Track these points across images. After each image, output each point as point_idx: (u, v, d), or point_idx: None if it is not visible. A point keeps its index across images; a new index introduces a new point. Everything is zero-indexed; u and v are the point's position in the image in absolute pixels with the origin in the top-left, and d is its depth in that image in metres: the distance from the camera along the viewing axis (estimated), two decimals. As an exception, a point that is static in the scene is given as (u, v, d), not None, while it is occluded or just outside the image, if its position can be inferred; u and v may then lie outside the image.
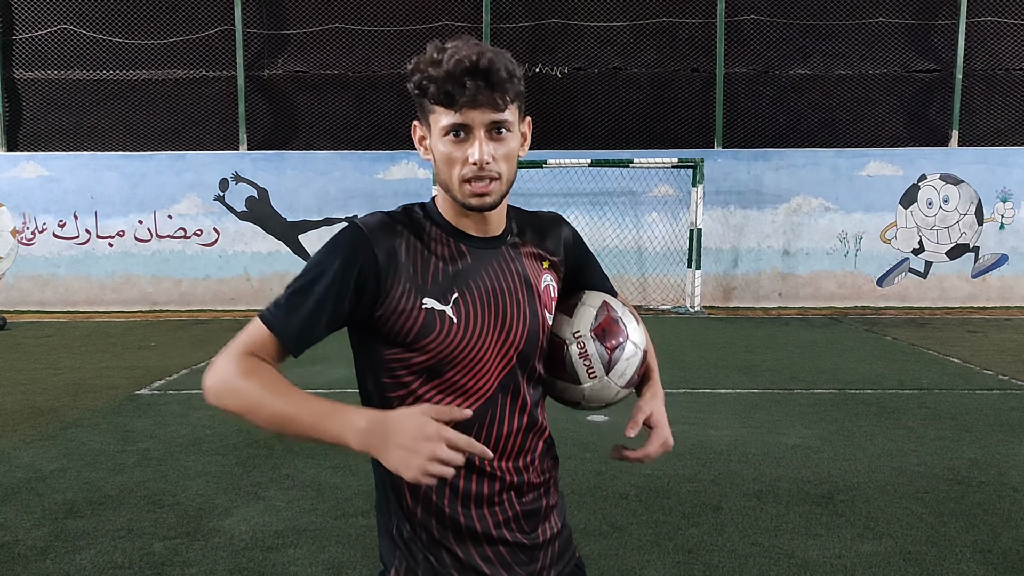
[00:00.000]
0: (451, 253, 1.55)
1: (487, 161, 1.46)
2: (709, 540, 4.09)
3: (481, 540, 1.58)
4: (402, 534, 1.59)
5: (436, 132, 1.49)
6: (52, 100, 13.89)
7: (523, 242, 1.66)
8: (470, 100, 1.43)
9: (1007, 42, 13.67)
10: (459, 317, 1.51)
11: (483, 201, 1.50)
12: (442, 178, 1.52)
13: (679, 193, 13.38)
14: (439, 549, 1.57)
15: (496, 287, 1.57)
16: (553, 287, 1.68)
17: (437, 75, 1.43)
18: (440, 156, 1.50)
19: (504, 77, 1.44)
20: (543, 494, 1.68)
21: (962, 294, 13.63)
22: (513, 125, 1.50)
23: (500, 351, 1.56)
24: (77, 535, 4.16)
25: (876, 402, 6.97)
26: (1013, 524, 4.25)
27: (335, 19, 13.74)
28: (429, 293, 1.51)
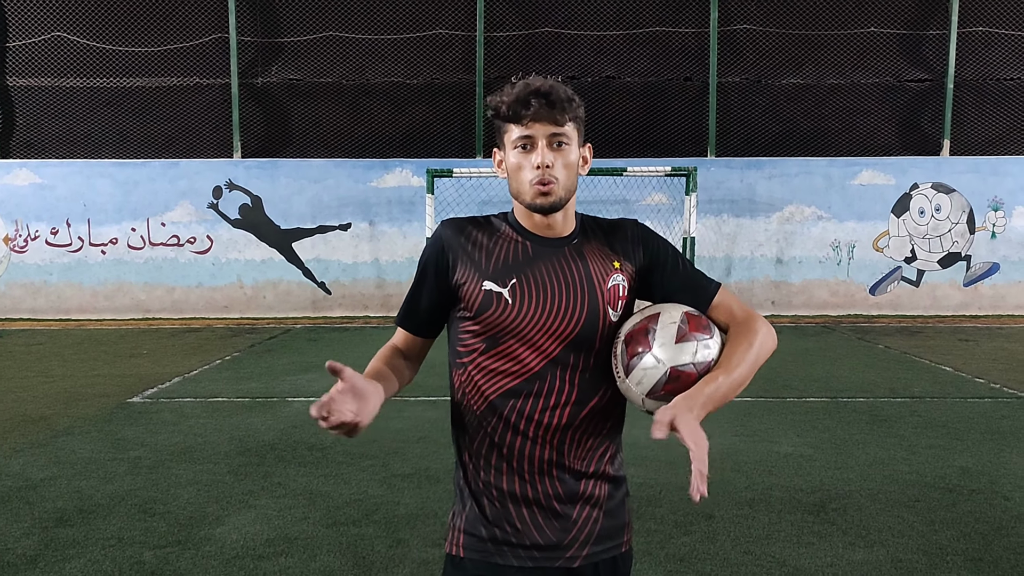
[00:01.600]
0: (517, 248, 1.81)
1: (548, 164, 1.74)
2: (701, 548, 4.08)
3: (519, 500, 1.78)
4: (459, 480, 1.87)
5: (508, 147, 1.79)
6: (45, 107, 13.88)
7: (590, 244, 1.86)
8: (533, 115, 1.73)
9: (998, 52, 13.76)
10: (514, 299, 1.76)
11: (545, 200, 1.76)
12: (513, 187, 1.80)
13: (672, 201, 13.40)
14: (481, 497, 1.81)
15: (553, 279, 1.78)
16: (623, 287, 1.83)
17: (508, 100, 1.75)
18: (511, 166, 1.79)
19: (563, 98, 1.74)
20: (589, 477, 1.81)
21: (954, 302, 13.68)
22: (571, 140, 1.78)
23: (550, 333, 1.76)
24: (67, 544, 4.14)
25: (868, 410, 6.98)
26: (1004, 532, 4.26)
27: (329, 27, 13.76)
28: (490, 277, 1.78)
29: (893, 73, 13.94)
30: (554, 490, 1.79)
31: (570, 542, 1.79)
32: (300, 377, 8.50)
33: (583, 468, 1.80)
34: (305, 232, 13.73)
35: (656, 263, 1.87)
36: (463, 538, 1.82)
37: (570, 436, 1.78)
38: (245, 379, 8.47)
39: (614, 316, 1.81)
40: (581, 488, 1.80)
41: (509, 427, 1.77)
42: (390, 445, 5.81)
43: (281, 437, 6.14)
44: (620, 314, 1.82)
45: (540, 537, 1.78)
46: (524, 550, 1.78)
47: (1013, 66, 13.78)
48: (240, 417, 6.78)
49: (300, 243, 13.73)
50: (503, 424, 1.78)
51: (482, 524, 1.80)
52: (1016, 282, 13.64)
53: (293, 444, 5.95)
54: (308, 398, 7.48)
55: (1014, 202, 13.58)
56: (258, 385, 8.13)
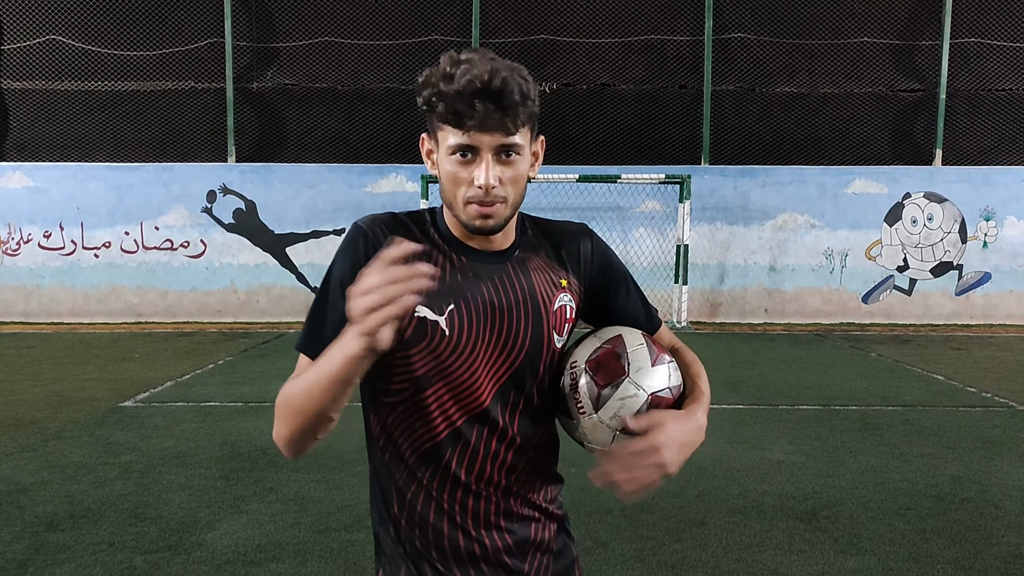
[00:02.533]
0: (452, 265, 1.51)
1: (493, 185, 1.42)
2: (693, 556, 4.09)
3: (464, 559, 1.54)
4: (387, 540, 1.58)
5: (443, 150, 1.45)
6: (39, 110, 13.85)
7: (534, 257, 1.58)
8: (479, 123, 1.39)
9: (990, 63, 13.84)
10: (452, 329, 1.47)
11: (486, 223, 1.46)
12: (447, 196, 1.49)
13: (666, 209, 13.44)
14: (420, 560, 1.55)
15: (495, 302, 1.51)
16: (570, 308, 1.59)
17: (447, 92, 1.38)
18: (445, 174, 1.46)
19: (516, 100, 1.39)
20: (538, 521, 1.61)
21: (946, 311, 13.73)
22: (523, 148, 1.45)
23: (493, 367, 1.51)
24: (57, 548, 4.12)
25: (860, 418, 7.00)
26: (995, 541, 4.28)
27: (325, 32, 13.78)
28: (424, 301, 1.43)
29: (886, 83, 14.01)
30: (503, 543, 1.56)
31: None
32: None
33: (531, 513, 1.60)
34: (299, 237, 13.72)
35: (610, 284, 1.65)
36: None
37: (517, 480, 1.56)
38: (238, 384, 8.45)
39: (559, 342, 1.56)
40: (532, 534, 1.59)
41: (448, 477, 1.51)
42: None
43: (273, 442, 6.11)
44: (565, 340, 1.59)
45: None
46: None
47: (1005, 77, 13.86)
48: (232, 422, 6.76)
49: (294, 248, 13.72)
50: (440, 475, 1.52)
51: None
52: (1008, 291, 13.70)
53: (285, 449, 5.93)
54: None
55: (1006, 212, 13.64)
56: (251, 390, 8.12)
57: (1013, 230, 13.66)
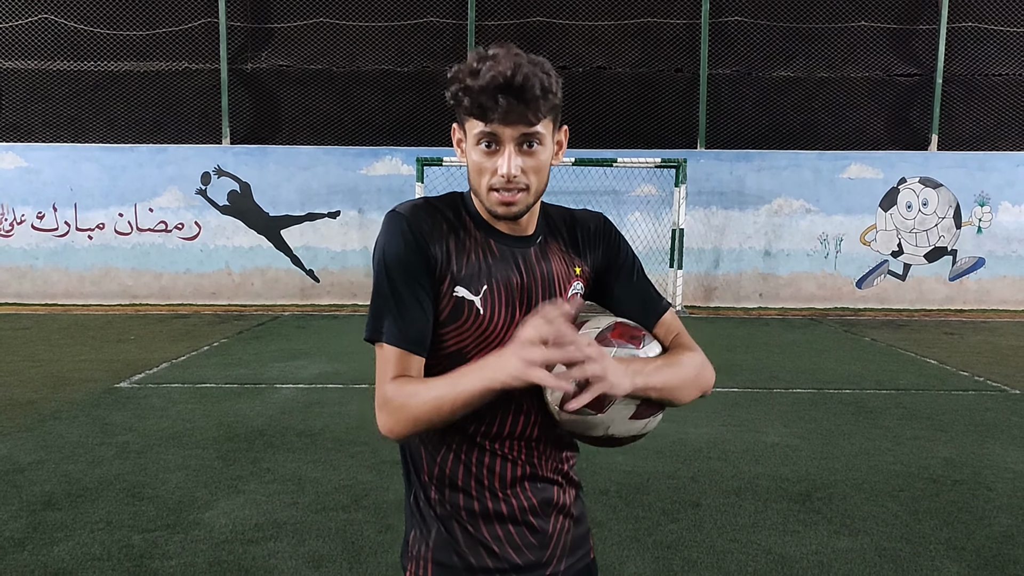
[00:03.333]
0: (483, 247, 1.60)
1: (515, 174, 1.51)
2: (688, 536, 4.12)
3: (492, 519, 1.62)
4: (418, 503, 1.67)
5: (470, 139, 1.54)
6: (32, 91, 13.76)
7: (554, 243, 1.69)
8: (502, 116, 1.47)
9: (987, 48, 13.82)
10: (486, 308, 1.57)
11: (509, 210, 1.55)
12: (473, 184, 1.58)
13: (662, 193, 13.44)
14: (450, 521, 1.63)
15: (522, 285, 1.61)
16: (580, 295, 1.69)
17: (473, 87, 1.47)
18: (472, 164, 1.55)
19: (537, 94, 1.46)
20: (560, 485, 1.69)
21: (940, 296, 13.78)
22: (545, 138, 1.54)
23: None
24: (55, 527, 4.14)
25: (854, 402, 7.04)
26: (986, 522, 4.32)
27: (320, 14, 13.69)
28: (462, 281, 1.56)
29: (883, 67, 14.00)
30: (529, 503, 1.64)
31: (548, 558, 1.66)
32: (288, 364, 8.50)
33: (554, 476, 1.68)
34: (294, 219, 13.68)
35: (614, 265, 1.73)
36: (432, 568, 1.63)
37: (540, 447, 1.65)
38: (233, 365, 8.46)
39: None
40: (555, 497, 1.68)
41: (475, 444, 1.61)
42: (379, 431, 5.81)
43: (270, 423, 6.14)
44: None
45: (519, 558, 1.63)
46: (504, 575, 1.63)
47: (1002, 62, 13.85)
48: (228, 403, 6.77)
49: (289, 230, 13.69)
50: (468, 442, 1.61)
51: (454, 551, 1.62)
52: (1001, 277, 13.75)
53: (282, 430, 5.96)
54: (296, 384, 7.48)
55: (1000, 197, 13.67)
56: (246, 371, 8.12)
57: (1008, 215, 13.69)
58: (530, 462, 1.64)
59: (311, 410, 6.55)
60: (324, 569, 3.73)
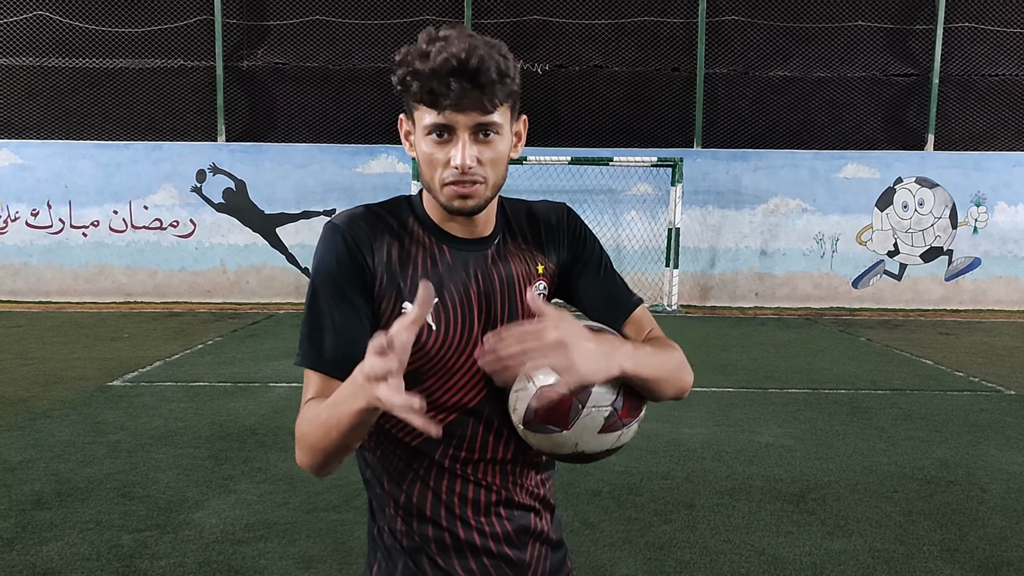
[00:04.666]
0: (432, 255, 1.47)
1: (470, 165, 1.37)
2: (681, 537, 4.10)
3: (464, 550, 1.49)
4: (382, 535, 1.54)
5: (419, 130, 1.40)
6: (27, 87, 13.69)
7: (514, 242, 1.55)
8: (455, 102, 1.33)
9: (983, 48, 13.82)
10: (438, 324, 1.43)
11: (464, 204, 1.41)
12: (425, 179, 1.44)
13: (658, 192, 13.42)
14: (419, 554, 1.50)
15: (478, 293, 1.47)
16: (543, 296, 1.54)
17: (422, 71, 1.32)
18: (423, 156, 1.41)
19: (494, 78, 1.33)
20: (536, 511, 1.56)
21: (935, 296, 13.78)
22: (502, 127, 1.40)
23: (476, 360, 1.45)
24: (44, 527, 4.11)
25: (849, 402, 7.03)
26: (980, 524, 4.30)
27: (316, 11, 13.65)
28: (409, 297, 1.41)
29: (879, 67, 13.99)
30: (504, 532, 1.51)
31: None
32: (282, 362, 8.46)
33: (530, 502, 1.54)
34: (289, 217, 13.65)
35: (579, 260, 1.59)
36: None
37: (515, 470, 1.52)
38: (227, 364, 8.43)
39: None
40: (532, 524, 1.55)
41: (444, 470, 1.47)
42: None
43: (262, 422, 6.12)
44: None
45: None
46: None
47: (998, 62, 13.85)
48: (221, 402, 6.74)
49: (284, 228, 13.65)
50: (436, 467, 1.48)
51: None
52: (997, 277, 13.75)
53: (274, 429, 5.93)
54: (290, 383, 7.45)
55: (996, 198, 13.67)
56: (240, 370, 8.09)
57: (1003, 216, 13.70)
58: (504, 487, 1.51)
59: (304, 409, 6.51)
60: (314, 569, 3.71)
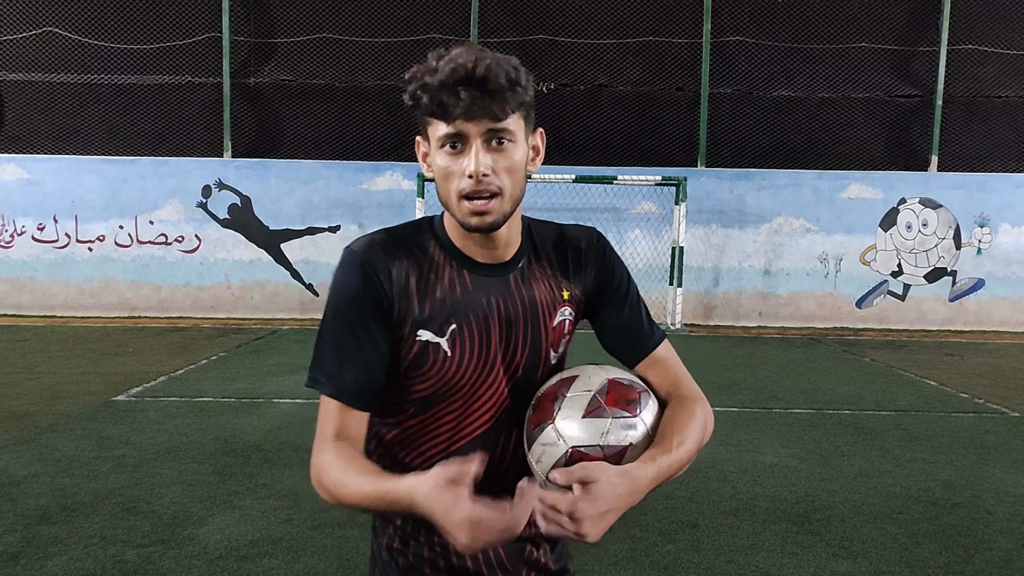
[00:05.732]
0: (452, 279, 1.44)
1: (484, 173, 1.34)
2: (685, 557, 4.10)
3: (457, 574, 1.50)
4: (381, 553, 1.56)
5: (434, 144, 1.40)
6: (35, 102, 13.79)
7: (539, 267, 1.51)
8: (464, 111, 1.32)
9: (986, 70, 13.88)
10: (454, 350, 1.42)
11: (483, 220, 1.38)
12: (442, 195, 1.41)
13: (662, 211, 13.46)
14: (413, 575, 1.52)
15: (497, 318, 1.45)
16: (570, 322, 1.53)
17: (431, 83, 1.33)
18: (438, 171, 1.40)
19: (503, 85, 1.32)
20: (532, 540, 1.55)
21: (939, 317, 13.77)
22: (516, 135, 1.37)
23: (495, 384, 1.46)
24: (49, 541, 4.11)
25: (853, 423, 7.01)
26: (986, 546, 4.29)
27: (323, 29, 13.76)
28: (426, 324, 1.41)
29: (883, 88, 14.05)
30: (497, 558, 1.51)
31: None
32: (287, 379, 8.47)
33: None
34: (294, 233, 13.70)
35: (605, 291, 1.56)
36: None
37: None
38: (231, 379, 8.44)
39: (554, 359, 1.52)
40: (526, 551, 1.54)
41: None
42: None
43: (267, 438, 6.12)
44: (561, 354, 1.53)
45: None
46: None
47: (1001, 84, 13.91)
48: (226, 417, 6.75)
49: (289, 244, 13.70)
50: None
51: None
52: (1001, 298, 13.75)
53: (279, 445, 5.93)
54: (294, 399, 7.45)
55: (1000, 219, 13.69)
56: (244, 386, 8.10)
57: (1007, 237, 13.71)
58: None
59: (308, 425, 6.50)
60: (319, 587, 3.71)
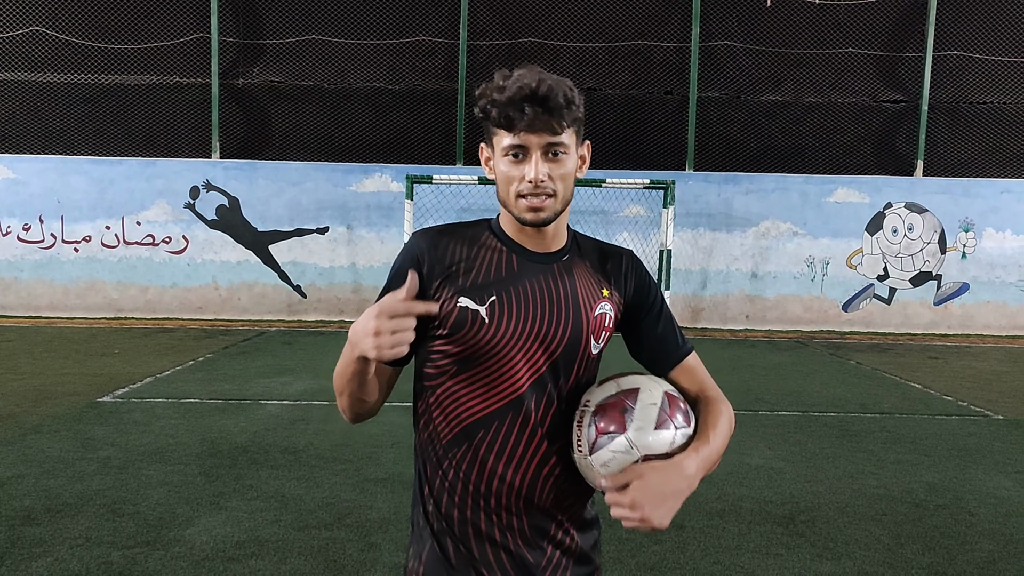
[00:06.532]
0: (500, 261, 1.65)
1: (542, 180, 1.57)
2: (671, 558, 4.11)
3: (484, 540, 1.63)
4: (418, 518, 1.70)
5: (498, 152, 1.61)
6: (21, 102, 13.71)
7: (580, 263, 1.72)
8: (528, 125, 1.55)
9: (972, 76, 14.00)
10: (491, 318, 1.59)
11: (537, 216, 1.60)
12: (501, 195, 1.64)
13: (650, 214, 13.49)
14: (445, 538, 1.65)
15: (537, 297, 1.64)
16: (610, 316, 1.69)
17: (500, 100, 1.55)
18: (501, 175, 1.62)
19: (561, 104, 1.55)
20: (557, 521, 1.68)
21: (924, 321, 13.87)
22: (570, 148, 1.60)
23: (531, 359, 1.62)
24: (34, 542, 4.09)
25: (838, 425, 7.06)
26: (968, 547, 4.33)
27: (312, 31, 13.74)
28: (466, 292, 1.61)
29: (870, 93, 14.15)
30: (522, 532, 1.64)
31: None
32: (274, 380, 8.46)
33: (554, 509, 1.67)
34: (282, 235, 13.66)
35: (643, 302, 1.75)
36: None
37: (545, 470, 1.64)
38: (218, 381, 8.41)
39: (595, 348, 1.68)
40: (552, 531, 1.67)
41: (477, 459, 1.62)
42: (363, 450, 5.80)
43: (253, 439, 6.11)
44: (601, 347, 1.69)
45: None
46: None
47: (986, 90, 14.02)
48: (212, 419, 6.73)
49: (276, 246, 13.66)
50: (471, 456, 1.62)
51: (444, 568, 1.64)
52: (985, 302, 13.86)
53: (265, 447, 5.92)
54: (281, 401, 7.44)
55: (984, 223, 13.80)
56: (231, 387, 8.08)
57: (991, 241, 13.82)
58: (531, 488, 1.64)
59: (295, 427, 6.52)
60: (305, 588, 3.70)
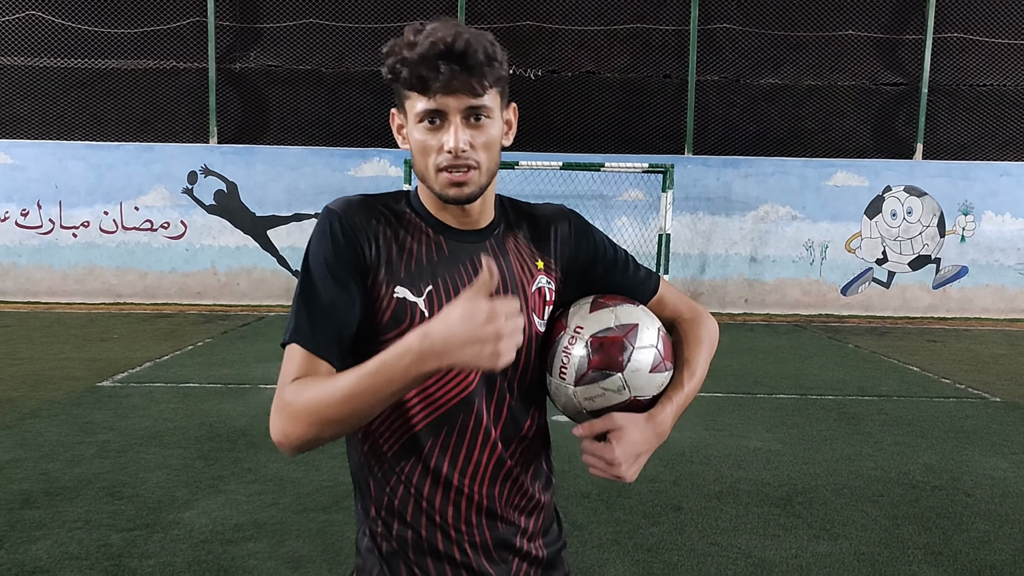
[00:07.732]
0: (428, 244, 1.44)
1: (463, 149, 1.35)
2: (669, 539, 4.13)
3: (443, 560, 1.45)
4: (361, 543, 1.52)
5: (411, 119, 1.39)
6: (18, 87, 13.66)
7: (512, 238, 1.53)
8: (444, 85, 1.33)
9: (972, 58, 13.95)
10: (430, 311, 1.38)
11: (460, 192, 1.39)
12: (418, 168, 1.42)
13: (649, 198, 13.47)
14: (395, 561, 1.46)
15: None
16: (549, 290, 1.53)
17: (411, 57, 1.33)
18: (415, 144, 1.40)
19: (482, 60, 1.33)
20: (521, 530, 1.52)
21: (923, 304, 13.88)
22: (493, 111, 1.39)
23: None
24: (33, 526, 4.11)
25: (836, 407, 7.07)
26: (964, 528, 4.35)
27: (309, 14, 13.67)
28: (402, 282, 1.40)
29: (869, 76, 14.10)
30: (484, 546, 1.47)
31: None
32: (272, 364, 8.46)
33: (516, 516, 1.51)
34: (280, 220, 13.64)
35: (596, 260, 1.59)
36: None
37: (501, 475, 1.47)
38: (217, 365, 8.42)
39: (540, 325, 1.50)
40: (515, 542, 1.50)
41: (428, 472, 1.43)
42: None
43: (252, 423, 6.12)
44: (545, 322, 1.51)
45: None
46: None
47: (986, 72, 13.98)
48: (211, 403, 6.74)
49: (275, 230, 13.65)
50: (421, 468, 1.43)
51: None
52: (984, 285, 13.86)
53: (264, 430, 5.92)
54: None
55: (984, 207, 13.78)
56: (230, 371, 8.09)
57: (990, 225, 13.81)
58: (490, 497, 1.47)
59: (294, 411, 6.51)
60: (303, 570, 3.72)
